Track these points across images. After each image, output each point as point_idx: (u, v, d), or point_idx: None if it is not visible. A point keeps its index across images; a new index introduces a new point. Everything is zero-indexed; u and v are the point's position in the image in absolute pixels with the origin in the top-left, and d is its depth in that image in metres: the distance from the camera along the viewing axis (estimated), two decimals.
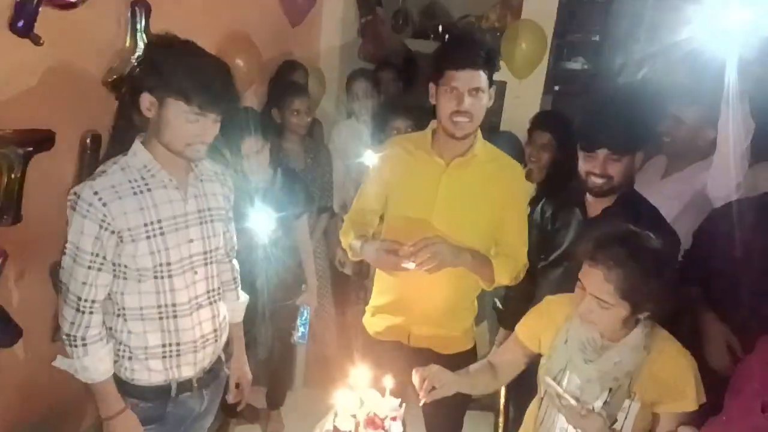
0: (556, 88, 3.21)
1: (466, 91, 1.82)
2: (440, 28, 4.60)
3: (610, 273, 1.38)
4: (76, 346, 1.59)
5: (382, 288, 2.15)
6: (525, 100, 3.22)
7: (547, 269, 2.06)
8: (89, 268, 1.56)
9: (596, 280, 1.40)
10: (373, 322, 2.18)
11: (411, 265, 1.81)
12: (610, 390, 1.44)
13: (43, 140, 2.00)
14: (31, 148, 1.96)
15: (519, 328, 1.72)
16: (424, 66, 3.46)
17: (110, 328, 1.65)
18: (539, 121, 2.82)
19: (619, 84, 2.83)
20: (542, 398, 1.57)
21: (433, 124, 2.01)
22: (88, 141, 2.20)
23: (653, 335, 1.47)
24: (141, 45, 2.28)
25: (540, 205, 2.18)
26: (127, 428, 1.65)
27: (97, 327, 1.61)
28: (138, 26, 2.27)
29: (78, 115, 2.18)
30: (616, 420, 1.44)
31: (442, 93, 1.87)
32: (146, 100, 1.54)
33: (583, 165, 1.90)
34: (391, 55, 3.89)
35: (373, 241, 1.99)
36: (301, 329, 2.76)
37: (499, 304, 2.38)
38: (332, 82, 3.65)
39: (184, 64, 1.52)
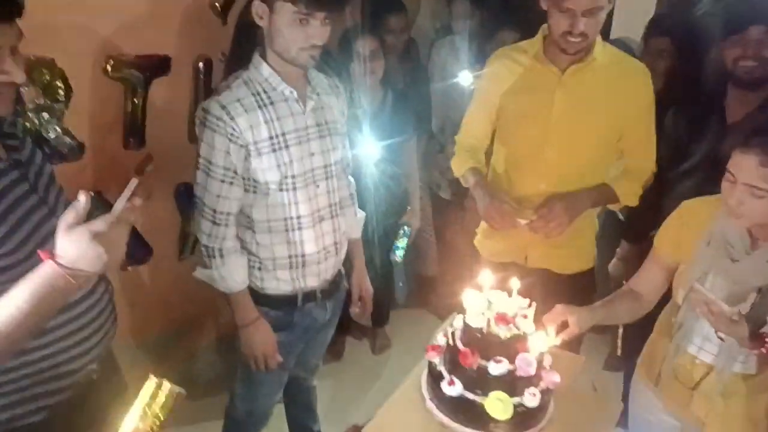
0: None
1: (581, 13, 1.66)
2: None
3: (766, 157, 1.27)
4: (213, 257, 1.66)
5: None
6: (638, 3, 2.97)
7: (678, 180, 1.94)
8: (222, 181, 1.61)
9: (750, 165, 1.30)
10: (487, 244, 2.13)
11: (523, 221, 1.79)
12: (759, 291, 1.36)
13: (160, 65, 2.08)
14: (150, 73, 2.03)
15: (658, 241, 1.62)
16: None
17: (241, 240, 1.72)
18: (656, 25, 2.60)
19: None
20: (679, 305, 1.50)
21: (544, 29, 1.85)
22: (201, 66, 2.25)
23: None
24: None
25: (670, 113, 2.03)
26: (261, 335, 1.73)
27: (232, 239, 1.67)
28: None
29: (189, 41, 2.22)
30: (765, 322, 1.36)
31: (554, 12, 1.71)
32: (257, 7, 1.54)
33: (731, 52, 1.75)
34: None
35: (485, 186, 1.91)
36: (400, 247, 2.79)
37: (621, 217, 2.28)
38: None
39: None
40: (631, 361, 1.80)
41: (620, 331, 2.74)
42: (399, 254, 2.79)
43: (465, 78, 2.78)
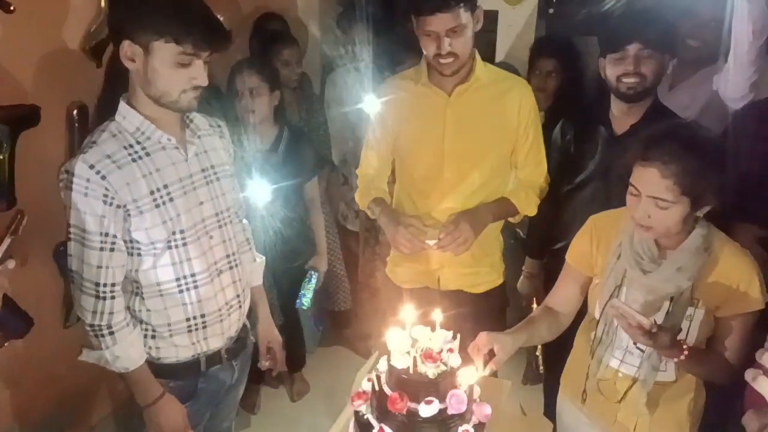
0: (551, 11, 3.09)
1: (443, 34, 1.73)
2: None
3: (667, 168, 1.30)
4: (102, 335, 1.47)
5: None
6: (518, 27, 3.10)
7: (573, 192, 2.01)
8: (101, 249, 1.42)
9: (652, 178, 1.33)
10: (399, 272, 2.12)
11: (431, 242, 1.80)
12: (672, 300, 1.39)
13: (28, 115, 1.88)
14: (16, 125, 1.83)
15: (570, 256, 1.64)
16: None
17: (129, 309, 1.54)
18: (542, 48, 2.74)
19: None
20: (597, 320, 1.51)
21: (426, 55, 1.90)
22: (75, 113, 2.07)
23: (711, 237, 1.41)
24: None
25: (558, 127, 2.11)
26: (169, 411, 1.55)
27: (122, 312, 1.49)
28: None
29: (61, 87, 2.05)
30: (680, 330, 1.39)
31: (421, 36, 1.79)
32: (128, 48, 1.38)
33: (611, 70, 1.84)
34: None
35: (390, 213, 1.93)
36: (307, 295, 2.69)
37: (521, 234, 2.32)
38: (313, 32, 3.50)
39: (167, 3, 1.37)
40: (551, 374, 1.80)
41: (539, 347, 2.79)
42: (305, 302, 2.68)
43: (366, 105, 2.76)
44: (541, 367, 2.67)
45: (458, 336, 1.34)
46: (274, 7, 3.21)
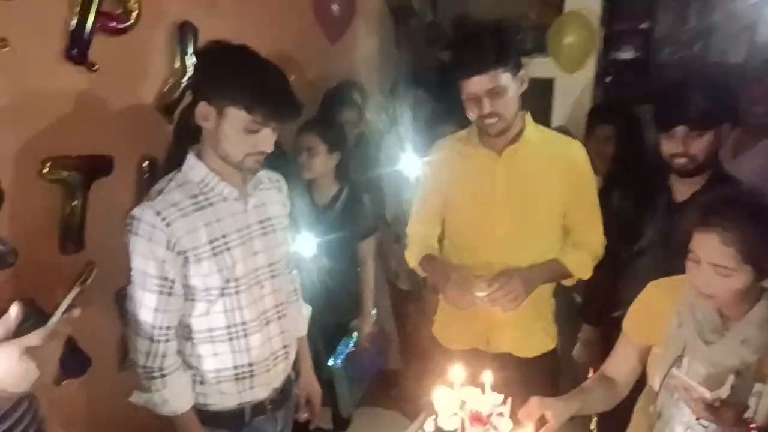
0: (607, 79, 3.12)
1: (484, 95, 1.75)
2: None
3: (728, 235, 1.26)
4: (154, 378, 1.51)
5: None
6: (575, 94, 3.13)
7: (632, 259, 1.97)
8: (160, 293, 1.49)
9: (713, 245, 1.28)
10: (446, 332, 2.10)
11: (482, 294, 1.78)
12: (737, 374, 1.31)
13: (101, 166, 2.00)
14: (90, 174, 1.95)
15: (627, 324, 1.59)
16: None
17: (179, 352, 1.58)
18: (599, 114, 2.75)
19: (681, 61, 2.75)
20: (657, 392, 1.44)
21: None
22: (145, 166, 2.19)
23: None
24: (190, 68, 2.27)
25: (617, 193, 2.08)
26: None
27: (174, 355, 1.54)
28: (186, 49, 2.26)
29: (134, 141, 2.17)
30: (747, 407, 1.31)
31: (465, 99, 1.81)
32: (204, 110, 1.47)
33: (665, 147, 1.82)
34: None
35: (441, 268, 1.92)
36: (340, 355, 2.65)
37: (578, 299, 2.26)
38: (373, 95, 3.63)
39: (243, 71, 1.46)
40: None
41: (594, 418, 2.66)
42: (338, 361, 2.65)
43: (414, 166, 2.81)
44: None
45: (509, 399, 1.30)
46: (337, 70, 3.36)
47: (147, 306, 1.49)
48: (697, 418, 1.36)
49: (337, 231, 2.42)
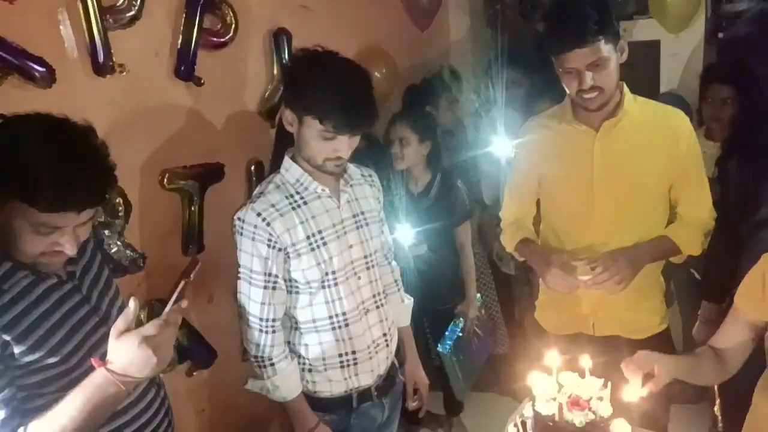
0: (720, 35, 2.87)
1: (584, 69, 1.67)
2: None
3: None
4: (264, 366, 1.63)
5: None
6: (684, 55, 2.92)
7: (754, 230, 1.83)
8: (265, 288, 1.60)
9: None
10: (549, 317, 2.06)
11: (585, 278, 1.73)
12: None
13: (214, 172, 2.16)
14: (205, 181, 2.11)
15: (739, 298, 1.48)
16: None
17: (289, 343, 1.69)
18: (713, 74, 2.55)
19: None
20: None
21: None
22: (252, 169, 2.34)
23: None
24: None
25: (737, 159, 1.93)
26: None
27: (281, 345, 1.65)
28: (282, 54, 2.37)
29: (241, 147, 2.33)
30: None
31: (562, 74, 1.74)
32: (288, 116, 1.58)
33: None
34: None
35: (540, 251, 1.89)
36: (448, 341, 2.66)
37: (697, 276, 2.13)
38: (467, 78, 3.59)
39: (321, 83, 1.50)
40: None
41: (717, 400, 2.51)
42: (446, 347, 2.67)
43: (508, 148, 2.76)
44: (720, 423, 2.38)
45: (609, 384, 1.28)
46: (429, 57, 3.37)
47: (254, 300, 1.61)
48: None
49: (434, 218, 2.46)
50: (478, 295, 2.77)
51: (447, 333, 2.67)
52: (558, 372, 1.32)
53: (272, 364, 1.62)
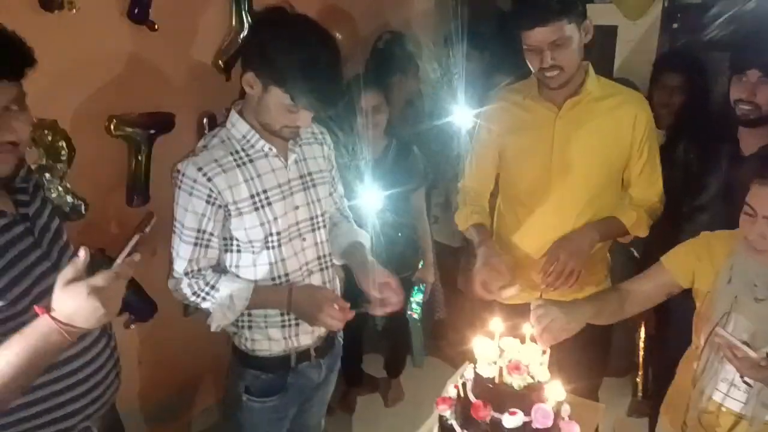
0: (675, 25, 2.95)
1: (546, 47, 1.68)
2: None
3: None
4: (207, 295, 1.56)
5: (502, 251, 2.05)
6: (640, 43, 2.99)
7: (694, 213, 1.91)
8: (195, 244, 1.54)
9: None
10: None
11: (508, 292, 1.77)
12: None
13: (164, 122, 2.10)
14: (154, 130, 2.05)
15: (667, 258, 1.57)
16: None
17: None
18: (666, 62, 2.63)
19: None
20: (702, 349, 1.43)
21: None
22: (205, 122, 2.28)
23: None
24: (246, 24, 2.31)
25: (682, 145, 2.01)
26: (306, 295, 1.59)
27: (211, 272, 1.58)
28: (242, 5, 2.30)
29: (194, 98, 2.26)
30: None
31: (525, 50, 1.75)
32: (250, 78, 1.48)
33: (733, 90, 1.75)
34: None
35: (486, 246, 1.87)
36: (416, 303, 2.70)
37: (636, 254, 2.22)
38: (427, 47, 3.57)
39: (291, 54, 1.42)
40: (657, 407, 1.72)
41: (640, 372, 2.66)
42: (416, 310, 2.71)
43: (466, 119, 2.77)
44: (640, 394, 2.54)
45: (548, 351, 1.33)
46: (392, 26, 3.32)
47: (181, 257, 1.55)
48: (742, 377, 1.35)
49: (392, 183, 2.45)
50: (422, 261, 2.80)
51: (412, 298, 2.70)
52: (500, 337, 1.36)
53: (212, 286, 1.56)
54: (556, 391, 1.27)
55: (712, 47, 2.73)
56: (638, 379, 2.65)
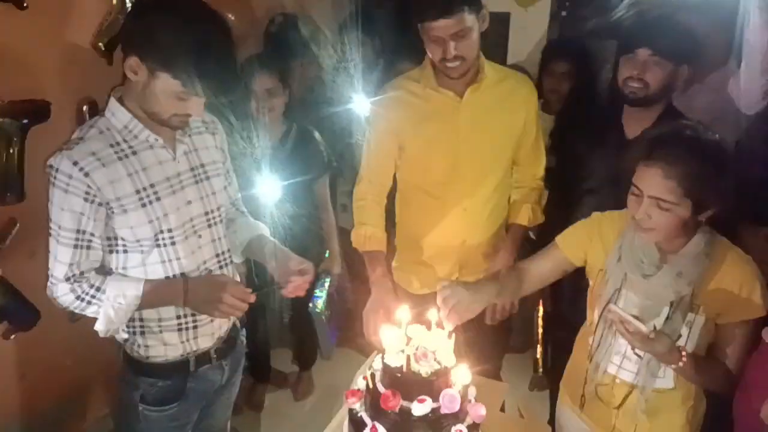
0: (564, 13, 3.07)
1: (449, 38, 1.70)
2: None
3: (670, 169, 1.29)
4: (93, 298, 1.42)
5: (409, 243, 2.07)
6: (531, 29, 3.08)
7: (584, 196, 1.99)
8: (75, 247, 1.40)
9: (655, 179, 1.31)
10: (407, 278, 2.10)
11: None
12: (671, 305, 1.37)
13: (38, 110, 1.91)
14: (27, 120, 1.87)
15: (561, 238, 1.64)
16: None
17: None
18: (555, 50, 2.73)
19: None
20: (596, 324, 1.50)
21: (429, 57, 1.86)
22: (85, 109, 2.10)
23: (713, 243, 1.39)
24: (129, 3, 2.15)
25: (570, 131, 2.10)
26: (202, 287, 1.49)
27: (95, 274, 1.44)
28: None
29: (72, 83, 2.08)
30: (680, 336, 1.37)
31: (427, 41, 1.76)
32: (133, 63, 1.34)
33: (621, 70, 1.83)
34: None
35: (383, 286, 1.86)
36: (320, 296, 2.65)
37: (532, 235, 2.30)
38: (322, 30, 3.51)
39: (180, 37, 1.31)
40: (557, 381, 1.79)
41: (539, 348, 2.78)
42: (319, 304, 2.65)
43: (364, 106, 2.74)
44: (540, 370, 2.65)
45: (453, 335, 1.34)
46: (287, 8, 3.23)
47: (60, 261, 1.40)
48: (633, 349, 1.43)
49: (292, 171, 2.35)
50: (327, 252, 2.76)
51: (316, 291, 2.61)
52: (407, 325, 1.35)
53: (97, 288, 1.42)
54: (462, 375, 1.28)
55: (599, 35, 2.86)
56: (538, 356, 2.77)
